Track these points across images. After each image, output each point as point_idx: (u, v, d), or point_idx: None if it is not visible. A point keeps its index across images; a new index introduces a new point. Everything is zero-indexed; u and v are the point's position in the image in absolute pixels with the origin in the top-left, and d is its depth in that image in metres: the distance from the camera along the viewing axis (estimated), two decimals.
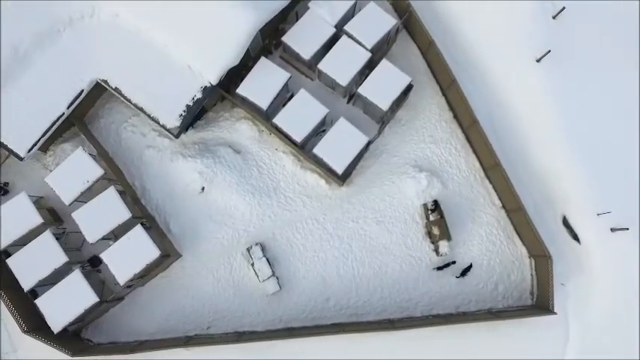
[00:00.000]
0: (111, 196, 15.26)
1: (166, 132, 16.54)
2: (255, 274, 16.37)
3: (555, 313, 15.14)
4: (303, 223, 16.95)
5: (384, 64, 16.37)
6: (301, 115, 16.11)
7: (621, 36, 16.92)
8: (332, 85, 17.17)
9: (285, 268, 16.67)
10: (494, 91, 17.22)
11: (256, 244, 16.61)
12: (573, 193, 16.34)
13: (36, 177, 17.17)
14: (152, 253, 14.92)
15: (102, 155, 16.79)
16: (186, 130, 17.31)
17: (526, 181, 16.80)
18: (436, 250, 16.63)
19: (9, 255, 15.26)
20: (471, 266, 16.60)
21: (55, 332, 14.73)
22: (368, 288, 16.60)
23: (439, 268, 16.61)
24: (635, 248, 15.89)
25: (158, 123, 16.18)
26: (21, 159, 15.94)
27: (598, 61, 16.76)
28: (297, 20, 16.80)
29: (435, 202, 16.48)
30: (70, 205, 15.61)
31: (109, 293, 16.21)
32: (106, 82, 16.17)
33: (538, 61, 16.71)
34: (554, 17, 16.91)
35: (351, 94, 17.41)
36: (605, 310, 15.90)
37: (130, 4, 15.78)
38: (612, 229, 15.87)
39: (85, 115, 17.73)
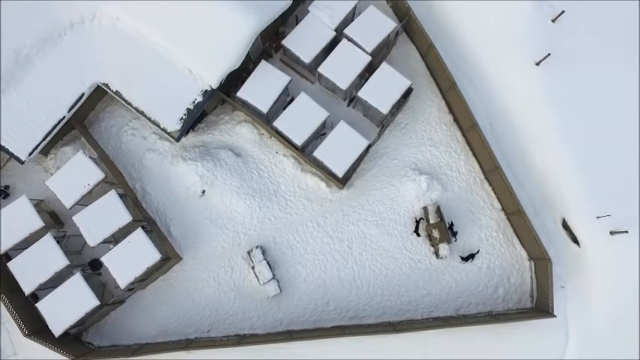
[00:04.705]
0: (112, 199, 15.29)
1: (167, 135, 16.57)
2: (256, 277, 16.40)
3: (555, 316, 15.18)
4: (303, 226, 16.98)
5: (384, 68, 16.41)
6: (301, 118, 16.15)
7: (620, 39, 16.94)
8: (332, 88, 17.20)
9: (285, 271, 16.70)
10: (494, 94, 17.27)
11: (257, 247, 16.64)
12: (573, 196, 16.38)
13: (37, 180, 17.23)
14: (153, 256, 14.95)
15: (102, 158, 16.81)
16: (187, 133, 17.34)
17: (526, 183, 16.87)
18: (436, 253, 16.67)
19: (10, 258, 15.33)
20: (478, 252, 16.71)
21: (56, 336, 14.77)
22: (368, 291, 16.63)
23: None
24: (634, 251, 15.92)
25: (159, 126, 16.22)
26: (22, 162, 15.96)
27: (597, 65, 16.78)
28: (297, 24, 16.85)
29: (438, 207, 16.56)
30: (70, 208, 15.65)
31: (109, 296, 16.24)
32: (106, 85, 16.20)
33: (537, 64, 16.74)
34: (553, 21, 16.95)
35: (351, 97, 17.45)
36: (604, 313, 15.93)
37: (131, 8, 15.82)
38: (612, 232, 15.90)
39: (86, 119, 17.78)
